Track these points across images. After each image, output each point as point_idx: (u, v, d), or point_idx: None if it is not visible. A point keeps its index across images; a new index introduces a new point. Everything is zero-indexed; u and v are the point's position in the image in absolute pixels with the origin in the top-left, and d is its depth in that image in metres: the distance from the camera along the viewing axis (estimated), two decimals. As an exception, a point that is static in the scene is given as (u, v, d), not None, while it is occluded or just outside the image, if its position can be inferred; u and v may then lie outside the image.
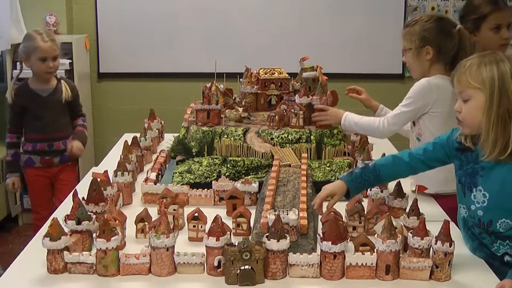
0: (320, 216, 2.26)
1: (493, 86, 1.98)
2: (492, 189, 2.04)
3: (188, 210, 2.26)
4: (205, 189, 2.56)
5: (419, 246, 1.94)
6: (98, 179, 2.35)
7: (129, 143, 2.89)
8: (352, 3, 5.10)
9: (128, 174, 2.56)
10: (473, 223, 2.13)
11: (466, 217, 2.16)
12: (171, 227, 1.99)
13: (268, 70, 3.19)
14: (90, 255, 1.96)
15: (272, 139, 2.83)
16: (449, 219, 2.11)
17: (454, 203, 2.29)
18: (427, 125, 2.73)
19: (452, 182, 2.31)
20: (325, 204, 2.21)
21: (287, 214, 2.04)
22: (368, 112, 3.04)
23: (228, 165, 2.72)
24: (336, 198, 2.20)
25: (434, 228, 1.99)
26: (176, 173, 2.72)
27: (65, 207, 2.44)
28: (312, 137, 2.81)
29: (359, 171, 2.24)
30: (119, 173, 2.55)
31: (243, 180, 2.54)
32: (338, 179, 2.26)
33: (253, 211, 2.31)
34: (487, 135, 1.99)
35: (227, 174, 2.67)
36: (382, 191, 2.39)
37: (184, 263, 1.95)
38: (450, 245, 1.90)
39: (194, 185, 2.60)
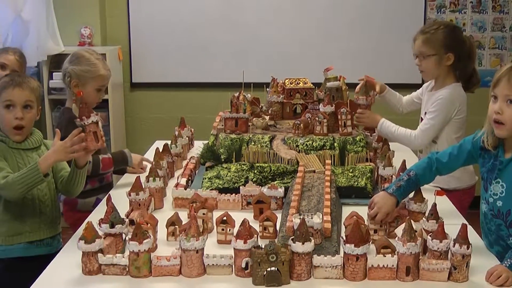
0: (343, 220, 2.32)
1: None
2: (509, 179, 2.10)
3: (217, 214, 2.30)
4: (233, 194, 2.60)
5: (438, 248, 1.97)
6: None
7: (161, 150, 2.93)
8: (373, 15, 5.16)
9: (160, 179, 2.60)
10: (492, 215, 2.18)
11: (486, 211, 2.22)
12: (201, 231, 2.02)
13: (294, 80, 3.23)
14: (123, 257, 2.00)
15: (297, 146, 2.85)
16: (466, 222, 2.16)
17: (466, 195, 2.95)
18: (445, 130, 2.86)
19: (465, 178, 2.97)
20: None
21: (312, 218, 2.07)
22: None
23: (255, 171, 2.74)
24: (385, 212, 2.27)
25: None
26: (205, 178, 2.75)
27: (99, 211, 2.51)
28: (335, 144, 2.83)
29: (405, 184, 2.31)
30: (151, 178, 2.58)
31: (270, 185, 2.57)
32: (388, 193, 2.29)
33: (279, 215, 2.34)
34: None
35: (254, 179, 2.70)
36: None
37: (213, 264, 1.99)
38: (468, 248, 1.93)
39: (222, 190, 2.64)
